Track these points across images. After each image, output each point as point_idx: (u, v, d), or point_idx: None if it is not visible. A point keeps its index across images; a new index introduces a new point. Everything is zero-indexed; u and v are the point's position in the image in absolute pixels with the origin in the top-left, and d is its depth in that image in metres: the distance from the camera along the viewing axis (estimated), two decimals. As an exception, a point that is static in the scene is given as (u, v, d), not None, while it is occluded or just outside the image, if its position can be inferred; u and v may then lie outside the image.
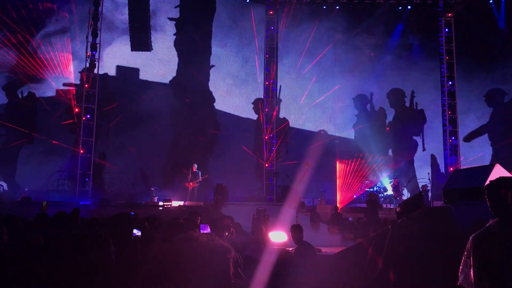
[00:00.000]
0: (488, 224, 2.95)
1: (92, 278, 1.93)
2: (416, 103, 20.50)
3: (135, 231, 5.10)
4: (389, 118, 20.62)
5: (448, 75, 19.93)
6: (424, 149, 20.19)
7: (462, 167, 18.34)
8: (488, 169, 5.10)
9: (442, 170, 19.90)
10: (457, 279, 3.33)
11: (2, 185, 16.93)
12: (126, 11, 18.93)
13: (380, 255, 5.24)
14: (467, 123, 20.35)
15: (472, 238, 2.95)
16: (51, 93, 18.58)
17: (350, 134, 20.52)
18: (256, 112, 20.35)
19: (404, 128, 20.25)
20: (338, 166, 18.82)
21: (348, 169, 18.77)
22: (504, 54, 20.06)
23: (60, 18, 18.73)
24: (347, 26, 19.99)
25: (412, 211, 5.39)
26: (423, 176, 19.10)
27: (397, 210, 5.99)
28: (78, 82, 18.61)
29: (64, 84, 18.56)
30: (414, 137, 20.43)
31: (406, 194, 18.44)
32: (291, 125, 20.27)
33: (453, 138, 19.64)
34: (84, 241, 2.03)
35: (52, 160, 18.14)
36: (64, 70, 18.39)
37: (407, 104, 20.58)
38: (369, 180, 18.81)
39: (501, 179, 2.98)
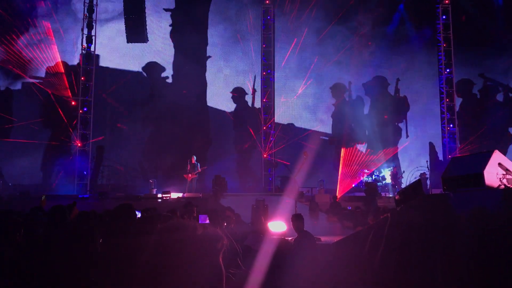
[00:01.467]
0: None
1: (79, 269, 1.92)
2: (399, 89, 20.42)
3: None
4: (367, 106, 20.53)
5: (446, 62, 19.85)
6: (407, 136, 20.19)
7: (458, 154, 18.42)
8: (487, 155, 5.06)
9: (441, 157, 19.92)
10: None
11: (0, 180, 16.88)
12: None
13: (379, 243, 5.24)
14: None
15: None
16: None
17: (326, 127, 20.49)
18: (235, 101, 20.27)
19: (388, 115, 20.17)
20: (342, 154, 18.81)
21: (345, 158, 18.79)
22: (501, 41, 19.98)
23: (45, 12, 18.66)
24: (343, 15, 19.76)
25: (411, 198, 5.38)
26: (422, 164, 19.10)
27: (396, 198, 5.98)
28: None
29: (31, 77, 18.42)
30: (398, 124, 20.39)
31: (404, 183, 18.44)
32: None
33: (451, 125, 19.62)
34: (67, 235, 2.02)
35: (49, 154, 18.16)
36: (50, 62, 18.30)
37: (392, 92, 20.52)
38: (366, 169, 18.79)
39: None
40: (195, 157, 16.80)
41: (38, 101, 18.18)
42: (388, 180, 18.36)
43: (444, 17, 20.03)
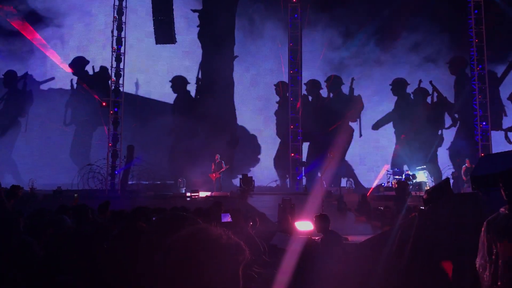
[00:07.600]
0: None
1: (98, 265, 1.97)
2: (353, 88, 20.00)
3: None
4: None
5: (478, 58, 19.32)
6: (360, 135, 19.80)
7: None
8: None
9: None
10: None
11: (34, 179, 17.33)
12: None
13: (407, 243, 5.17)
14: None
15: None
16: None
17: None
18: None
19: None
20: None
21: None
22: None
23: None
24: (371, 11, 19.50)
25: (439, 198, 5.29)
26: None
27: (424, 197, 5.89)
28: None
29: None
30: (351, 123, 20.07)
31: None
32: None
33: (484, 123, 19.08)
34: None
35: (80, 152, 18.68)
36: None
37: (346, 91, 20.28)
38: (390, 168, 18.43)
39: None
40: (219, 155, 16.87)
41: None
42: (420, 178, 17.86)
43: (476, 11, 19.50)
